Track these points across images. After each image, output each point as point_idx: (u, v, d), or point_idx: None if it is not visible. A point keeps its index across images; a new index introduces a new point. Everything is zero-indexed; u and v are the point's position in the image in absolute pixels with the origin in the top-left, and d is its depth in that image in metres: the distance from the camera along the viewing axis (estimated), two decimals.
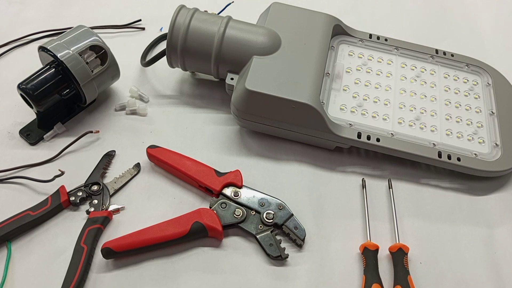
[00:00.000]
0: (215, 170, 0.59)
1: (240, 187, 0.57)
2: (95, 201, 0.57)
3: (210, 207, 0.56)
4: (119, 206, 0.57)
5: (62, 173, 0.58)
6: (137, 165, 0.61)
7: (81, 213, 0.57)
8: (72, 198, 0.57)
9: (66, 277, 0.50)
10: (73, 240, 0.53)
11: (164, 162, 0.60)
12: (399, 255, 0.53)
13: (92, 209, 0.56)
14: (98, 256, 0.53)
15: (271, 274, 0.53)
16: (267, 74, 0.60)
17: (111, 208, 0.57)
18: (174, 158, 0.60)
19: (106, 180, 0.60)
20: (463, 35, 0.81)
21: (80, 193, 0.57)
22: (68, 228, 0.55)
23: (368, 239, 0.55)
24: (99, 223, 0.55)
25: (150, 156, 0.61)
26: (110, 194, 0.58)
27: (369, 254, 0.53)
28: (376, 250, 0.53)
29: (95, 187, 0.58)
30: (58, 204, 0.56)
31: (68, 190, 0.57)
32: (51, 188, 0.57)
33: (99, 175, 0.59)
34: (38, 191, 0.58)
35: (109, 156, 0.61)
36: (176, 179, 0.60)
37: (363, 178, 0.61)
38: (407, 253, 0.53)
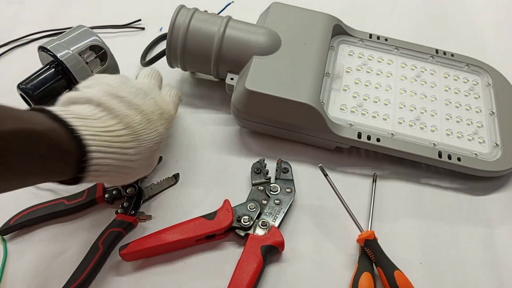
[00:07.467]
0: (203, 217, 0.54)
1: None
2: (126, 204, 0.56)
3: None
4: (148, 214, 0.56)
5: None
6: (176, 176, 0.60)
7: (110, 211, 0.56)
8: (107, 196, 0.56)
9: (73, 273, 0.50)
10: (84, 239, 0.53)
11: (149, 249, 0.52)
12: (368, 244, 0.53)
13: (121, 211, 0.55)
14: (112, 259, 0.53)
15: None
16: (267, 74, 0.60)
17: (140, 214, 0.56)
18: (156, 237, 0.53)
19: (144, 184, 0.58)
20: (463, 35, 0.80)
21: (115, 192, 0.57)
22: (91, 224, 0.55)
23: (368, 229, 0.56)
24: (122, 227, 0.54)
25: (128, 255, 0.52)
26: (143, 199, 0.57)
27: (364, 244, 0.53)
28: (372, 240, 0.53)
29: (130, 189, 0.57)
30: (92, 199, 0.56)
31: (105, 187, 0.57)
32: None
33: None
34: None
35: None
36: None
37: (374, 173, 0.61)
38: (371, 239, 0.53)
